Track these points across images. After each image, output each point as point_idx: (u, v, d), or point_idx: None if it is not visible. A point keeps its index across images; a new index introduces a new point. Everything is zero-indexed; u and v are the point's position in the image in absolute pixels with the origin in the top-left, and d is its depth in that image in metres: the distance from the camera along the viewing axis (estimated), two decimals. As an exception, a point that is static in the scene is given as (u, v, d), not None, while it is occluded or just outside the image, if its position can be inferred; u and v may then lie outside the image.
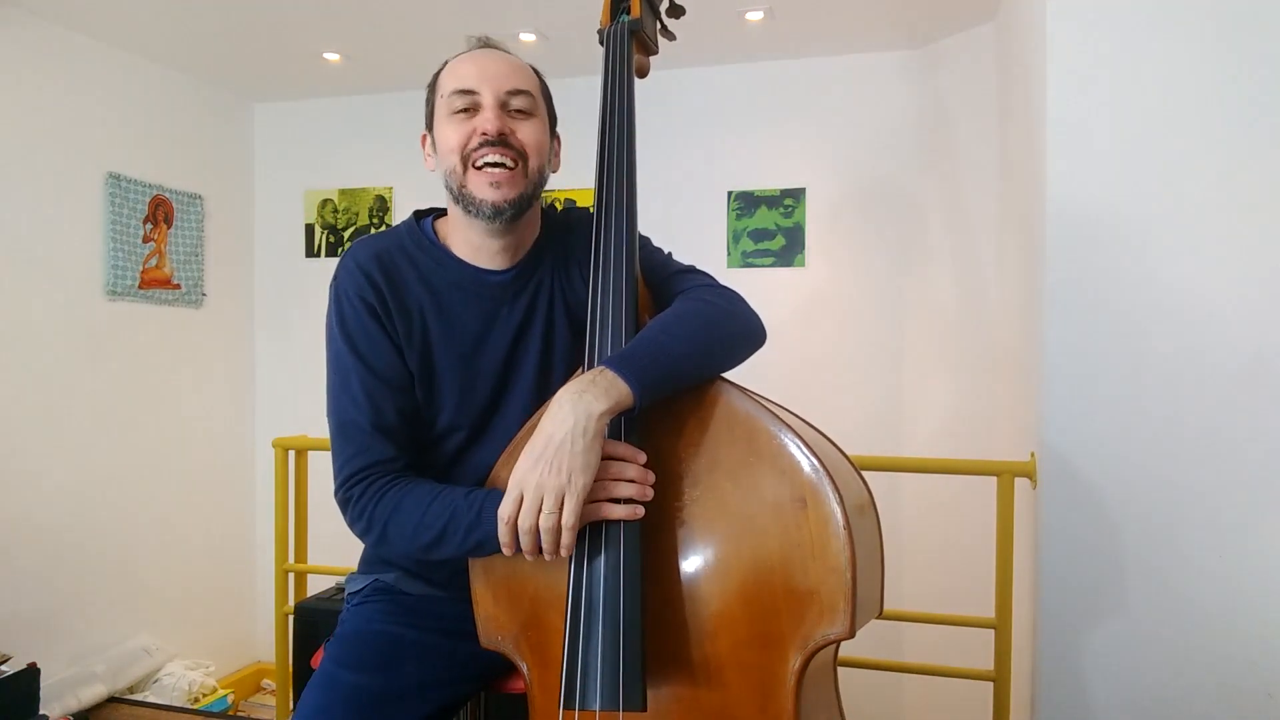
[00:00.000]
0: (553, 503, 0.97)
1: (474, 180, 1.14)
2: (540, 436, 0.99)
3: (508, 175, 1.14)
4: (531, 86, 1.19)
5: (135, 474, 3.27)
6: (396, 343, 1.18)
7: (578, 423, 0.97)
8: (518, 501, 0.99)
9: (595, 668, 0.98)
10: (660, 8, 1.43)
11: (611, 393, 0.99)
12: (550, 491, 0.97)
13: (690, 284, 1.20)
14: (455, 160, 1.15)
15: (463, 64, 1.18)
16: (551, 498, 0.97)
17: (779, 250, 3.26)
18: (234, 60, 3.34)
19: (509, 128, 1.15)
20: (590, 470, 0.98)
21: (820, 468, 0.98)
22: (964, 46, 2.94)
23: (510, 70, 1.18)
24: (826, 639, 0.97)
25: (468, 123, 1.15)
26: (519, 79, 1.18)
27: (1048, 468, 1.75)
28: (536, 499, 0.98)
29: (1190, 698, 1.65)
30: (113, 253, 3.12)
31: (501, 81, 1.15)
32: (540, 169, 1.19)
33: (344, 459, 1.15)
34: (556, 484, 0.97)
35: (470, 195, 1.15)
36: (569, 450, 0.97)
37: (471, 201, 1.15)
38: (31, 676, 2.51)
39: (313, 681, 1.15)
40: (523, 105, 1.17)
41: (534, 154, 1.17)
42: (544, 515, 0.97)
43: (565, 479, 0.97)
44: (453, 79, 1.17)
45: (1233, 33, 1.63)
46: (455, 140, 1.15)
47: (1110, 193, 1.70)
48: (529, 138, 1.17)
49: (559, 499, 0.97)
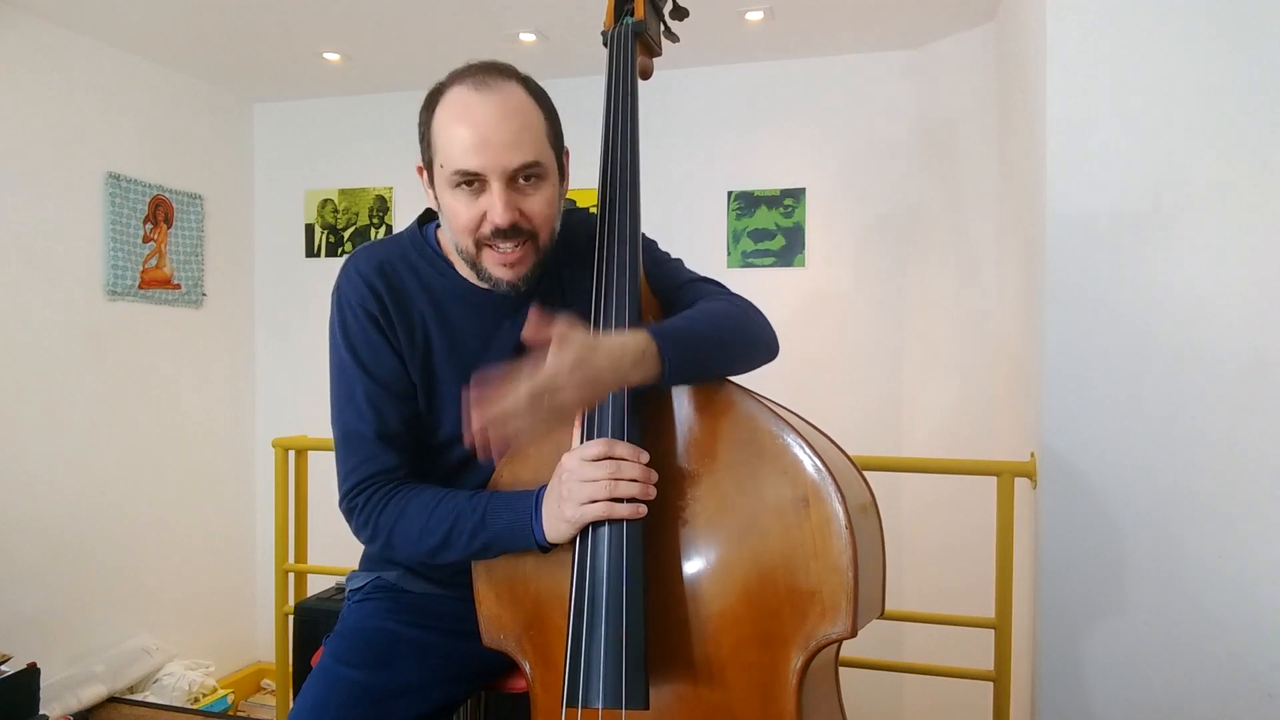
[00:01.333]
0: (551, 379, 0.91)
1: (487, 258, 1.13)
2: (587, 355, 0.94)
3: (519, 255, 1.12)
4: (538, 150, 1.11)
5: (135, 474, 3.27)
6: (399, 352, 1.18)
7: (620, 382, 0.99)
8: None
9: (598, 666, 0.98)
10: (664, 9, 1.43)
11: (650, 367, 1.00)
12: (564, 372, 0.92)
13: (712, 290, 1.23)
14: (467, 240, 1.12)
15: (460, 130, 1.08)
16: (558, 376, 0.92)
17: (779, 250, 3.26)
18: (234, 60, 3.34)
19: (518, 208, 1.10)
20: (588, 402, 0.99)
21: (823, 468, 0.98)
22: (964, 46, 2.94)
23: (516, 136, 1.08)
24: (828, 638, 0.97)
25: (475, 204, 1.10)
26: (526, 147, 1.09)
27: (1048, 468, 1.75)
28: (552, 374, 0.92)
29: (1190, 698, 1.66)
30: (113, 253, 3.12)
31: (508, 156, 1.07)
32: (551, 236, 1.16)
33: (349, 468, 1.16)
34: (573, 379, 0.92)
35: (484, 270, 1.14)
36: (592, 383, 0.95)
37: (486, 276, 1.15)
38: (31, 676, 2.51)
39: (312, 676, 1.16)
40: (532, 173, 1.11)
41: (544, 226, 1.14)
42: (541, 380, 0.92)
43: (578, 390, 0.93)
44: (453, 151, 1.08)
45: (1232, 32, 1.63)
46: (464, 219, 1.11)
47: (1110, 193, 1.70)
48: (539, 214, 1.12)
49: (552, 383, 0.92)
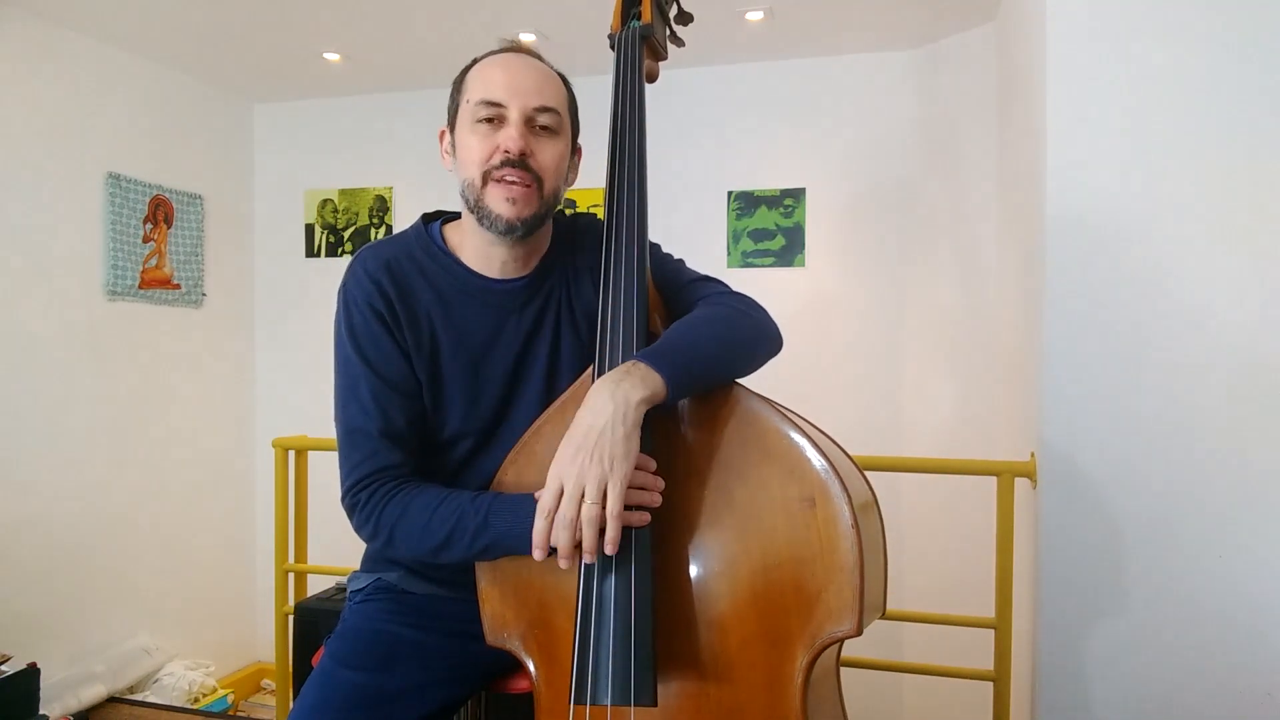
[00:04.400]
0: (595, 493, 0.95)
1: (491, 193, 1.14)
2: (579, 427, 0.98)
3: (523, 192, 1.13)
4: (559, 103, 1.17)
5: (135, 474, 3.27)
6: (405, 350, 1.18)
7: (617, 410, 0.97)
8: (558, 494, 0.96)
9: (606, 663, 0.99)
10: (670, 13, 1.43)
11: (648, 382, 0.99)
12: (592, 481, 0.95)
13: (712, 291, 1.22)
14: (475, 173, 1.14)
15: (493, 70, 1.15)
16: (594, 487, 0.95)
17: (779, 250, 3.26)
18: (234, 60, 3.34)
19: (530, 148, 1.13)
20: (631, 458, 0.96)
21: (829, 467, 0.99)
22: (964, 46, 2.95)
23: (540, 84, 1.15)
24: (834, 636, 0.98)
25: (491, 137, 1.13)
26: (548, 95, 1.15)
27: (1048, 468, 1.75)
28: (578, 489, 0.95)
29: (1190, 697, 1.66)
30: (113, 253, 3.12)
31: (530, 97, 1.13)
32: (556, 190, 1.18)
33: (351, 465, 1.16)
34: (599, 473, 0.95)
35: (486, 208, 1.15)
36: (610, 438, 0.96)
37: (486, 214, 1.15)
38: (31, 676, 2.51)
39: (311, 678, 1.16)
40: (548, 123, 1.15)
41: (551, 177, 1.16)
42: (586, 506, 0.95)
43: (608, 467, 0.95)
44: (481, 86, 1.14)
45: (1232, 33, 1.64)
46: (477, 153, 1.14)
47: (1110, 193, 1.70)
48: (548, 160, 1.15)
49: (601, 488, 0.95)
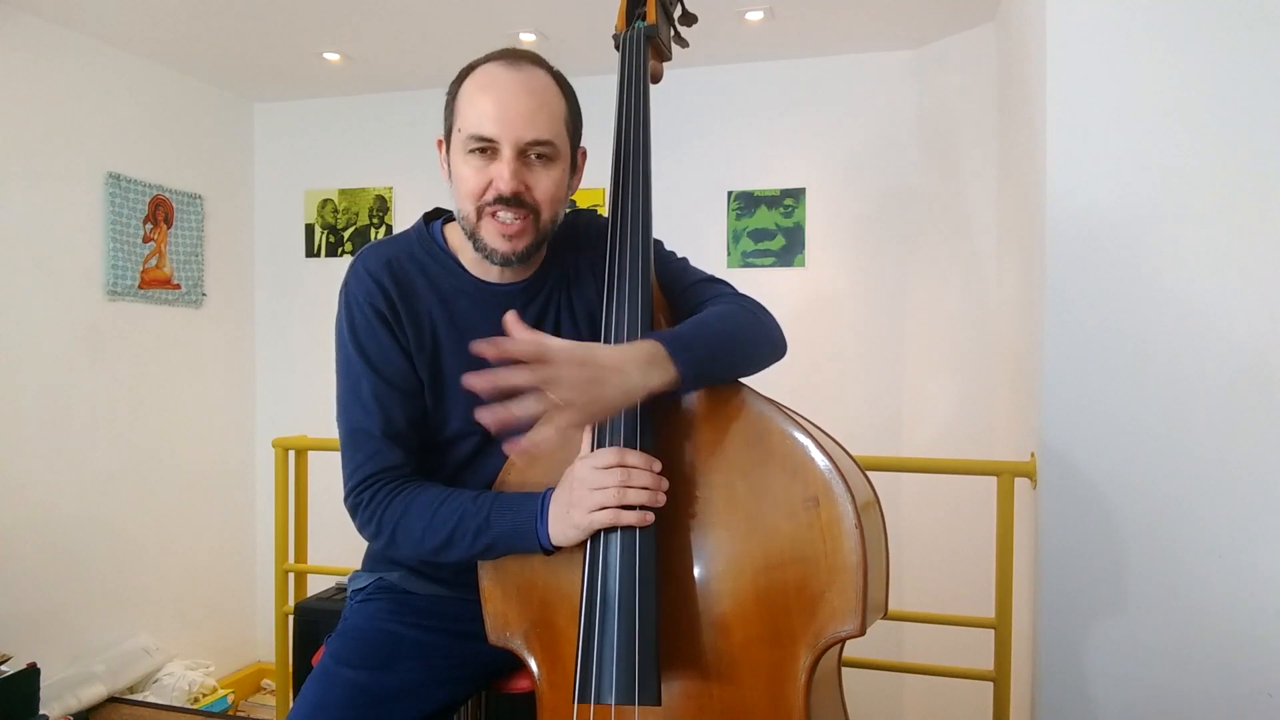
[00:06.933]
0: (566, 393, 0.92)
1: (486, 228, 1.14)
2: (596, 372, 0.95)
3: (519, 227, 1.13)
4: (554, 131, 1.13)
5: (135, 474, 3.26)
6: (406, 349, 1.18)
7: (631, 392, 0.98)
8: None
9: (610, 662, 0.99)
10: (674, 14, 1.43)
11: (667, 374, 1.00)
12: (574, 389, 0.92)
13: (720, 291, 1.23)
14: (469, 207, 1.13)
15: (484, 100, 1.11)
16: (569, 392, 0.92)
17: (779, 250, 3.26)
18: (234, 60, 3.33)
19: (525, 181, 1.12)
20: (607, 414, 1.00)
21: (832, 467, 0.99)
22: (964, 46, 2.95)
23: (533, 113, 1.11)
24: (837, 636, 0.98)
25: (484, 170, 1.11)
26: (541, 125, 1.11)
27: (1048, 468, 1.75)
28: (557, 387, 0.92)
29: (1190, 698, 1.66)
30: (113, 253, 3.12)
31: (523, 130, 1.10)
32: (553, 219, 1.17)
33: (354, 465, 1.16)
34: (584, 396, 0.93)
35: (481, 241, 1.14)
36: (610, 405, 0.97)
37: (482, 247, 1.15)
38: (31, 676, 2.51)
39: (311, 677, 1.16)
40: (543, 152, 1.13)
41: (548, 206, 1.15)
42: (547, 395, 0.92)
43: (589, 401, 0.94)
44: (473, 117, 1.11)
45: (1233, 33, 1.63)
46: (471, 184, 1.12)
47: (1110, 193, 1.70)
48: (544, 192, 1.13)
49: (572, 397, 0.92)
